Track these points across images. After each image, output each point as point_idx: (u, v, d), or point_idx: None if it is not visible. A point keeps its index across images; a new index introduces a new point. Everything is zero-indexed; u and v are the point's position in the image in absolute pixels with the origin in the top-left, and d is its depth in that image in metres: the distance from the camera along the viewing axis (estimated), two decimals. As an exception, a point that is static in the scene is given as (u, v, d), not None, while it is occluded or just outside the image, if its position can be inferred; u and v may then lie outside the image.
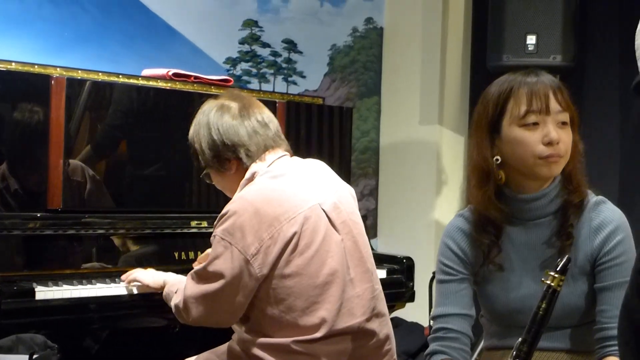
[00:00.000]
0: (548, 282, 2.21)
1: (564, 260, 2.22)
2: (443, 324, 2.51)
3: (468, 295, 2.54)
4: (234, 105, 2.80)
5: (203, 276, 2.66)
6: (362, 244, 2.77)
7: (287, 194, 2.67)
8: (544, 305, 2.22)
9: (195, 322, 2.73)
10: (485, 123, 2.45)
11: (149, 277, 3.06)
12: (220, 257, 2.61)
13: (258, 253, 2.58)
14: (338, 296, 2.65)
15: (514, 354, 2.24)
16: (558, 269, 2.21)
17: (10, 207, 3.12)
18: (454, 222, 2.59)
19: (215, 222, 2.67)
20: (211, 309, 2.68)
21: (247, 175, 2.74)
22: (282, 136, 2.86)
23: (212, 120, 2.79)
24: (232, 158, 2.77)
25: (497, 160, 2.44)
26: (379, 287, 2.81)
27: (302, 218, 2.64)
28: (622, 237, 2.42)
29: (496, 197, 2.46)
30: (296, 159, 2.85)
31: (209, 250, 2.75)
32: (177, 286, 2.82)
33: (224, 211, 2.65)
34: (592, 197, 2.49)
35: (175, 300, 2.76)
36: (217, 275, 2.61)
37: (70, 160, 3.22)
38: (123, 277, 3.11)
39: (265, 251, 2.58)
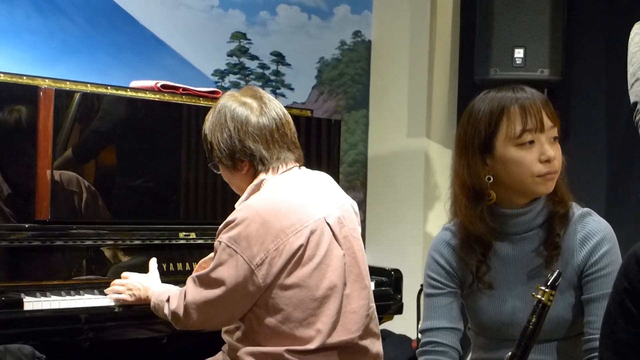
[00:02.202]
0: (538, 296, 2.21)
1: (555, 275, 2.21)
2: (431, 337, 2.51)
3: (456, 308, 2.53)
4: (255, 105, 2.75)
5: (205, 282, 2.65)
6: (361, 260, 2.77)
7: (294, 206, 2.66)
8: (534, 320, 2.22)
9: (194, 326, 2.73)
10: (476, 142, 2.43)
11: (132, 296, 3.05)
12: (224, 265, 2.60)
13: (263, 263, 2.57)
14: (335, 310, 2.64)
15: (503, 368, 2.24)
16: (549, 283, 2.21)
17: (-2, 217, 3.12)
18: (441, 236, 2.58)
19: (220, 228, 2.66)
20: (212, 315, 2.68)
21: (256, 181, 2.72)
22: (296, 141, 2.82)
23: (230, 123, 2.73)
24: (245, 160, 2.74)
25: (489, 179, 2.43)
26: (374, 305, 2.81)
27: (308, 231, 2.63)
28: (609, 247, 2.42)
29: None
30: (304, 170, 2.83)
31: (211, 255, 2.73)
32: (166, 294, 2.81)
33: (230, 218, 2.63)
34: (578, 210, 2.49)
35: (171, 307, 2.74)
36: (220, 282, 2.61)
37: (58, 171, 3.21)
38: (112, 296, 3.11)
39: (270, 262, 2.58)
